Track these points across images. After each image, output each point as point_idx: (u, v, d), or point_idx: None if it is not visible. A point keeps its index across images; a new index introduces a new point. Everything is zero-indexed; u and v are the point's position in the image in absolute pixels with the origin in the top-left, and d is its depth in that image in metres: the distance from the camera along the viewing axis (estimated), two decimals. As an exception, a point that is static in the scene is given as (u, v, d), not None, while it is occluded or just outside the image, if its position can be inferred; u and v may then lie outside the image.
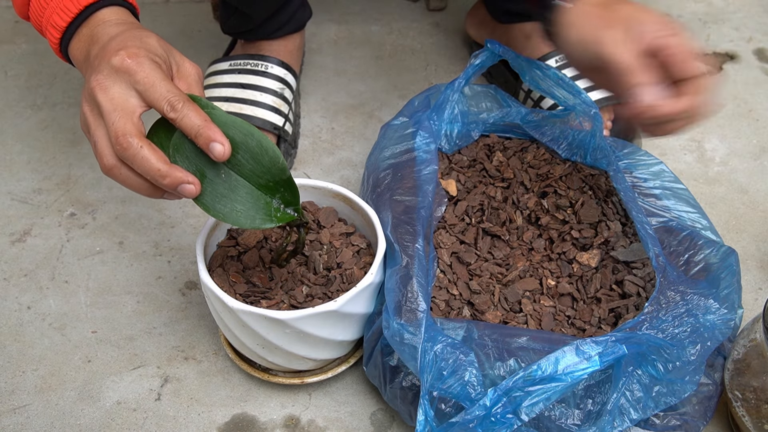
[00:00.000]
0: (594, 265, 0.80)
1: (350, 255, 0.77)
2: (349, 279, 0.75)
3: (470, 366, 0.64)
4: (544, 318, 0.76)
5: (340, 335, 0.74)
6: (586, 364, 0.62)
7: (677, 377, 0.67)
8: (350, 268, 0.76)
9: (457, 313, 0.76)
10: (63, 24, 0.69)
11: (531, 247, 0.83)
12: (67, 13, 0.69)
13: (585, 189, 0.86)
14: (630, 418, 0.66)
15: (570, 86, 0.83)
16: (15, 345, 0.84)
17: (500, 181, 0.88)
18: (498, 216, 0.84)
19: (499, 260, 0.81)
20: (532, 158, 0.89)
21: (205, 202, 0.65)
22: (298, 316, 0.69)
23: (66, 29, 0.70)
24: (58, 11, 0.69)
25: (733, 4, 1.33)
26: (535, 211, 0.85)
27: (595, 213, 0.83)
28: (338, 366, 0.79)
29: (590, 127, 0.85)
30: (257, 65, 1.02)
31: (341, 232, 0.80)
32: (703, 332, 0.68)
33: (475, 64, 0.86)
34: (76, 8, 0.69)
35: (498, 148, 0.91)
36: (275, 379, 0.78)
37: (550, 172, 0.87)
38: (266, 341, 0.71)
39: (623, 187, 0.78)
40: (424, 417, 0.64)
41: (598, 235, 0.82)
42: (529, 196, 0.86)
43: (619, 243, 0.81)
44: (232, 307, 0.69)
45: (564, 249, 0.82)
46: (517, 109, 0.90)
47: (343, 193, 0.81)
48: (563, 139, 0.89)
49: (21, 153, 1.06)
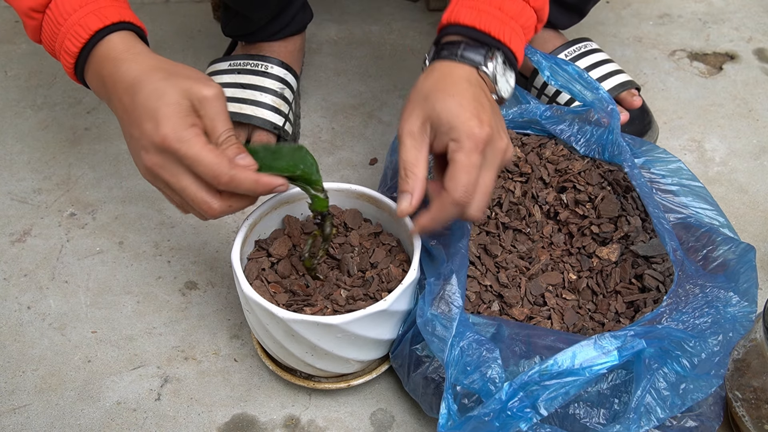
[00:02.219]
0: (614, 260, 0.81)
1: (383, 254, 0.78)
2: (387, 278, 0.75)
3: (494, 362, 0.64)
4: (566, 313, 0.76)
5: (386, 334, 0.74)
6: (605, 358, 0.62)
7: (703, 372, 0.66)
8: (386, 267, 0.76)
9: (487, 307, 0.76)
10: (75, 49, 0.71)
11: (551, 242, 0.83)
12: (78, 39, 0.70)
13: (604, 185, 0.86)
14: (657, 416, 0.65)
15: (588, 82, 0.84)
16: (15, 345, 0.84)
17: (518, 175, 0.88)
18: (517, 211, 0.85)
19: (522, 253, 0.82)
20: (550, 154, 0.89)
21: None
22: (350, 319, 0.69)
23: (79, 54, 0.71)
24: (69, 36, 0.70)
25: (733, 4, 1.33)
26: (554, 206, 0.85)
27: (615, 208, 0.84)
28: (380, 366, 0.79)
29: (608, 123, 0.86)
30: (257, 65, 1.02)
31: (369, 233, 0.80)
32: (724, 323, 0.68)
33: None
34: (87, 33, 0.70)
35: (516, 144, 0.91)
36: (320, 386, 0.77)
37: (569, 168, 0.87)
38: (316, 348, 0.71)
39: (640, 183, 0.78)
40: (447, 411, 0.65)
41: (618, 230, 0.82)
42: (548, 191, 0.86)
43: (638, 238, 0.81)
44: (282, 317, 0.69)
45: (584, 243, 0.82)
46: (535, 105, 0.90)
47: (367, 193, 0.80)
48: (581, 135, 0.89)
49: (21, 153, 1.06)
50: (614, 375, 0.68)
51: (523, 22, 0.75)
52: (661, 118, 1.11)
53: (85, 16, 0.70)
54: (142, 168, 0.69)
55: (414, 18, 1.30)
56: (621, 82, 1.03)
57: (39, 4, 0.71)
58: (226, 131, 0.68)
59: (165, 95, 0.67)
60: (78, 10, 0.70)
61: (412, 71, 1.19)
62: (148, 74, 0.68)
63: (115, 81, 0.69)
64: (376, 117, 1.12)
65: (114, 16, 0.71)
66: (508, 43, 0.74)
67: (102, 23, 0.70)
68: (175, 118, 0.66)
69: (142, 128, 0.67)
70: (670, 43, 1.24)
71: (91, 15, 0.70)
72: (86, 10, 0.70)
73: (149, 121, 0.66)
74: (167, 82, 0.67)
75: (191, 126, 0.66)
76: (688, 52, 1.23)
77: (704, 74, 1.19)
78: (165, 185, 0.69)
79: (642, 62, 1.21)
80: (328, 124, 1.11)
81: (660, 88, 1.16)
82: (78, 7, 0.70)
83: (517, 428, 0.62)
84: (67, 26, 0.70)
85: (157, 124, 0.66)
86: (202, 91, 0.68)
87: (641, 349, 0.63)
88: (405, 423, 0.78)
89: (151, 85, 0.67)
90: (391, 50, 1.24)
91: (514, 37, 0.74)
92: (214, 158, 0.66)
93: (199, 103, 0.68)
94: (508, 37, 0.74)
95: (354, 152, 1.07)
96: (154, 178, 0.69)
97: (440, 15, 1.31)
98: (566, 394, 0.62)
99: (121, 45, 0.71)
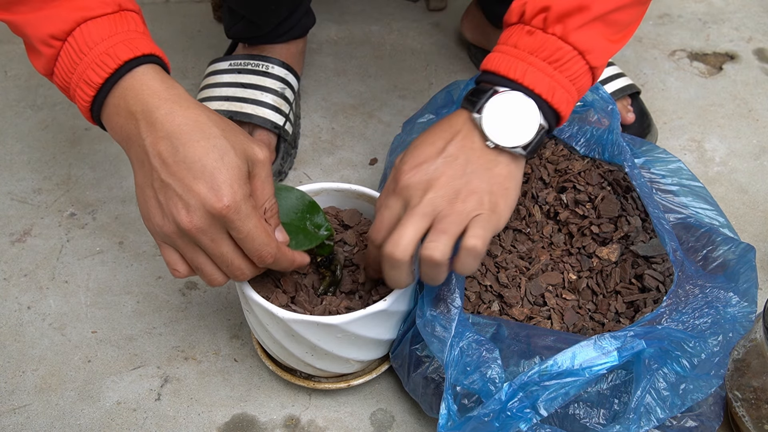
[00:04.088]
0: (614, 260, 0.81)
1: None
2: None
3: (494, 362, 0.64)
4: (566, 313, 0.76)
5: (386, 334, 0.74)
6: (605, 359, 0.62)
7: (703, 372, 0.66)
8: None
9: (487, 307, 0.76)
10: (99, 80, 0.64)
11: (551, 242, 0.83)
12: (104, 68, 0.63)
13: (604, 185, 0.86)
14: (657, 417, 0.65)
15: None
16: (15, 345, 0.84)
17: None
18: (517, 211, 0.85)
19: (522, 253, 0.82)
20: (550, 154, 0.89)
21: None
22: (350, 319, 0.68)
23: (101, 86, 0.64)
24: (93, 66, 0.63)
25: (733, 4, 1.33)
26: (554, 206, 0.85)
27: (615, 208, 0.84)
28: (380, 366, 0.79)
29: (608, 123, 0.86)
30: (258, 65, 1.02)
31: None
32: (724, 324, 0.68)
33: None
34: (115, 63, 0.63)
35: None
36: (320, 386, 0.77)
37: (569, 168, 0.87)
38: (316, 348, 0.71)
39: (640, 183, 0.78)
40: (447, 411, 0.64)
41: (618, 230, 0.82)
42: (548, 191, 0.86)
43: (638, 238, 0.81)
44: (282, 317, 0.69)
45: (584, 243, 0.82)
46: None
47: (367, 193, 0.80)
48: (581, 135, 0.89)
49: (21, 153, 1.06)
50: (614, 375, 0.68)
51: (546, 55, 0.65)
52: (661, 118, 1.11)
53: (115, 46, 0.63)
54: (171, 225, 0.63)
55: (414, 18, 1.30)
56: (620, 87, 1.02)
57: (61, 31, 0.63)
58: (271, 199, 0.66)
59: (226, 155, 0.62)
60: (107, 39, 0.64)
61: (412, 71, 1.19)
62: (199, 125, 0.63)
63: (152, 123, 0.63)
64: (376, 117, 1.12)
65: (145, 48, 0.65)
66: (521, 80, 0.65)
67: (133, 53, 0.64)
68: (236, 185, 0.62)
69: (192, 187, 0.61)
70: (670, 43, 1.25)
71: (120, 45, 0.64)
72: (116, 40, 0.64)
73: (204, 183, 0.61)
74: (227, 140, 0.63)
75: (249, 196, 0.63)
76: (688, 52, 1.23)
77: (704, 74, 1.19)
78: (192, 248, 0.65)
79: (642, 62, 1.21)
80: (328, 124, 1.11)
81: (660, 88, 1.16)
82: (107, 36, 0.64)
83: (517, 428, 0.62)
84: (93, 56, 0.63)
85: (218, 189, 0.61)
86: (257, 153, 0.65)
87: (641, 349, 0.63)
88: (405, 423, 0.78)
89: (208, 141, 0.62)
90: (391, 50, 1.24)
91: (529, 71, 0.65)
92: (266, 238, 0.64)
93: (253, 165, 0.65)
94: (521, 73, 0.65)
95: (354, 152, 1.07)
96: (183, 238, 0.64)
97: (440, 15, 1.32)
98: (566, 395, 0.62)
99: (157, 82, 0.64)
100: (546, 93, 0.65)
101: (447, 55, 1.22)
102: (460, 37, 1.25)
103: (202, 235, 0.63)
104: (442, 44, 1.24)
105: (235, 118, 0.98)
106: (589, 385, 0.67)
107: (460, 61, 1.21)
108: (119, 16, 0.65)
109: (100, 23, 0.64)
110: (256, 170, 0.65)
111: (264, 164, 0.66)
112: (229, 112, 0.98)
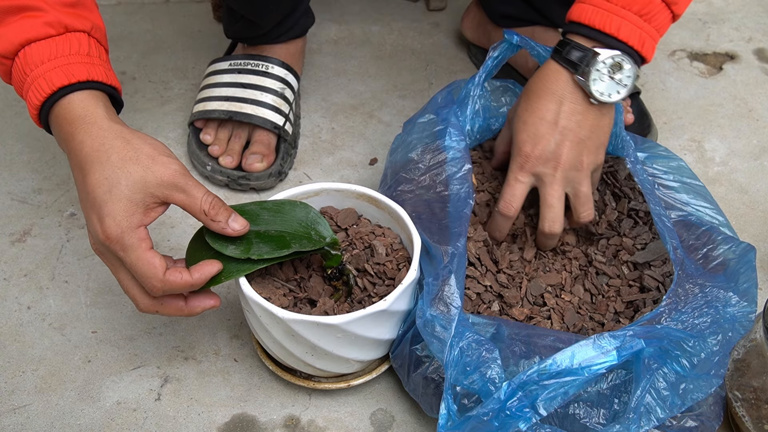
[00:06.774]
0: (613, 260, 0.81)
1: (383, 254, 0.78)
2: (386, 277, 0.76)
3: (493, 362, 0.64)
4: (566, 313, 0.76)
5: (386, 334, 0.74)
6: (604, 358, 0.62)
7: (703, 372, 0.66)
8: (385, 266, 0.77)
9: (487, 307, 0.76)
10: (37, 102, 0.68)
11: None
12: (40, 92, 0.68)
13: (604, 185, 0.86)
14: (657, 416, 0.65)
15: None
16: (15, 345, 0.84)
17: None
18: None
19: (522, 254, 0.82)
20: None
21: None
22: (350, 319, 0.69)
23: (41, 106, 0.69)
24: (33, 88, 0.68)
25: (733, 4, 1.33)
26: None
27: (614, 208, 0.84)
28: (380, 366, 0.79)
29: None
30: (258, 65, 1.02)
31: (369, 231, 0.80)
32: (724, 323, 0.68)
33: (494, 57, 0.85)
34: (49, 89, 0.68)
35: None
36: (320, 386, 0.77)
37: None
38: (316, 348, 0.71)
39: (642, 178, 0.78)
40: (447, 411, 0.65)
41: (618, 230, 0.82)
42: None
43: (637, 239, 0.82)
44: (282, 317, 0.69)
45: (584, 244, 0.82)
46: None
47: (367, 194, 0.80)
48: None
49: (21, 153, 1.06)
50: (614, 375, 0.68)
51: (638, 9, 0.72)
52: (661, 118, 1.11)
53: (51, 71, 0.67)
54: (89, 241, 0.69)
55: (414, 18, 1.30)
56: None
57: (9, 51, 0.68)
58: (205, 197, 0.67)
59: (114, 188, 0.64)
60: (45, 63, 0.67)
61: (412, 71, 1.19)
62: (99, 155, 0.65)
63: (70, 149, 0.68)
64: (376, 117, 1.12)
65: (81, 74, 0.68)
66: (616, 34, 0.72)
67: (67, 80, 0.67)
68: (120, 217, 0.64)
69: (88, 215, 0.66)
70: (670, 43, 1.24)
71: (57, 70, 0.67)
72: (53, 64, 0.67)
73: (94, 214, 0.65)
74: (120, 170, 0.65)
75: (137, 228, 0.65)
76: (688, 52, 1.23)
77: (704, 74, 1.19)
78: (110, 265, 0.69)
79: (642, 62, 1.21)
80: (328, 124, 1.11)
81: (660, 88, 1.16)
82: (46, 59, 0.68)
83: (517, 428, 0.62)
84: (33, 77, 0.68)
85: (102, 221, 0.64)
86: (160, 175, 0.65)
87: (640, 348, 0.63)
88: (405, 423, 0.78)
89: (101, 173, 0.65)
90: (391, 50, 1.24)
91: (623, 26, 0.72)
92: (149, 270, 0.65)
93: (159, 188, 0.65)
94: (616, 28, 0.72)
95: (354, 152, 1.07)
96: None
97: (440, 15, 1.32)
98: (565, 394, 0.62)
99: (78, 109, 0.68)
100: (638, 44, 0.73)
101: (447, 55, 1.22)
102: (460, 37, 1.25)
103: (104, 258, 0.68)
104: (442, 44, 1.24)
105: (235, 118, 0.98)
106: (588, 384, 0.66)
107: (460, 61, 1.21)
108: (64, 38, 0.68)
109: (42, 46, 0.68)
110: (167, 189, 0.66)
111: (173, 178, 0.66)
112: (229, 112, 0.98)
